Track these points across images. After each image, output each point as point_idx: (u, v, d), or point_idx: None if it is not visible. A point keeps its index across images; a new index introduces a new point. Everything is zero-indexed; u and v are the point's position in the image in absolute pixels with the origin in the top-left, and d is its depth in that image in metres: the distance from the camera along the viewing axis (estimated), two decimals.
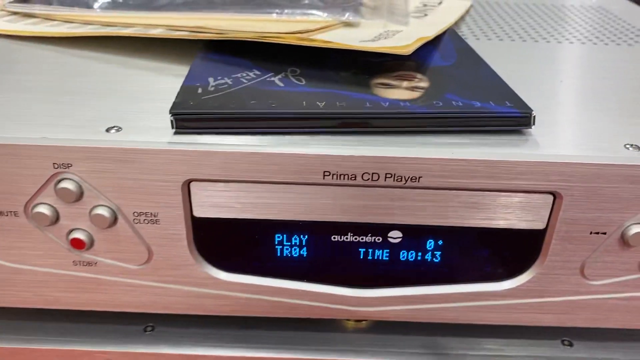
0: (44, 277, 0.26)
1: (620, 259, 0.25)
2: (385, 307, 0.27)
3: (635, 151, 0.23)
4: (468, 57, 0.31)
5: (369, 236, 0.25)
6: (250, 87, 0.26)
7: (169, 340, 0.29)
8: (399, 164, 0.23)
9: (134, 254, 0.25)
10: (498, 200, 0.24)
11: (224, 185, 0.24)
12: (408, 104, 0.24)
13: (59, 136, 0.23)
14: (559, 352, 0.29)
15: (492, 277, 0.26)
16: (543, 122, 0.25)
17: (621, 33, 0.40)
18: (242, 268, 0.26)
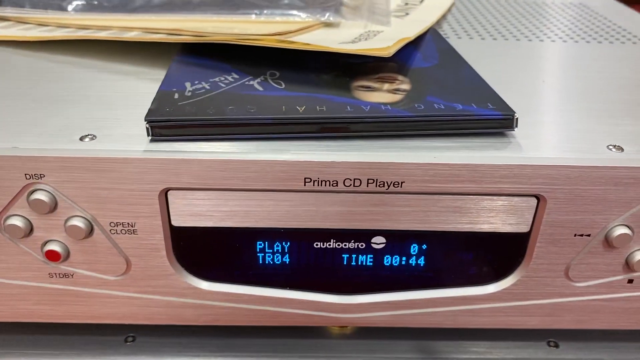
0: (19, 290, 0.26)
1: (604, 261, 0.25)
2: (370, 314, 0.26)
3: (618, 152, 0.23)
4: (450, 58, 0.30)
5: (352, 242, 0.25)
6: (228, 92, 0.25)
7: (150, 351, 0.29)
8: (381, 170, 0.22)
9: (111, 265, 0.25)
10: (481, 204, 0.24)
11: (203, 194, 0.23)
12: (389, 108, 0.24)
13: (30, 145, 0.23)
14: (544, 354, 0.29)
15: (477, 281, 0.26)
16: (526, 124, 0.25)
17: (602, 31, 0.40)
18: (224, 277, 0.26)
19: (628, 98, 0.29)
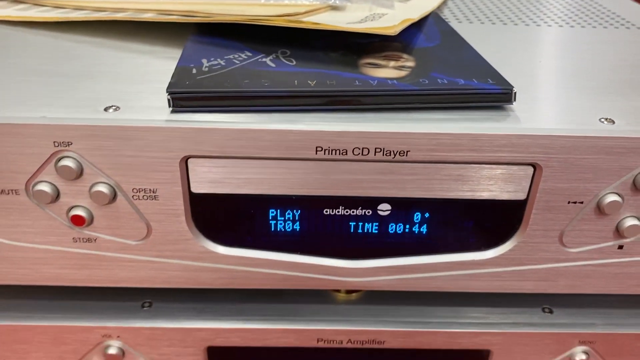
0: (44, 254, 0.27)
1: (596, 227, 0.27)
2: (375, 278, 0.28)
3: (610, 124, 0.25)
4: (452, 39, 0.32)
5: (359, 209, 0.27)
6: (243, 68, 0.27)
7: (166, 315, 0.30)
8: (388, 139, 0.24)
9: (133, 230, 0.26)
10: (481, 172, 0.25)
11: (221, 162, 0.25)
12: (396, 82, 0.25)
13: (61, 115, 0.24)
14: (539, 319, 0.31)
15: (476, 247, 0.27)
16: (523, 99, 0.26)
17: (597, 17, 0.42)
18: (239, 242, 0.27)
19: (619, 77, 0.30)
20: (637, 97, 0.28)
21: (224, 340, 0.30)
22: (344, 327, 0.30)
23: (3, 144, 0.24)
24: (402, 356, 0.31)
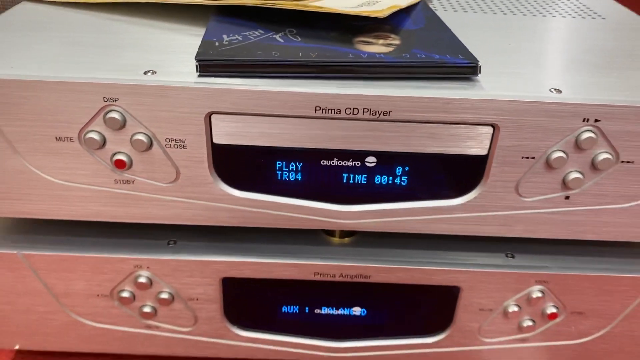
0: (90, 194, 0.33)
1: (546, 179, 0.32)
2: (363, 220, 0.34)
3: (557, 93, 0.30)
4: (434, 23, 0.37)
5: (350, 161, 0.32)
6: (256, 42, 0.32)
7: (188, 251, 0.36)
8: (374, 101, 0.30)
9: (164, 174, 0.32)
10: (450, 131, 0.31)
11: (238, 117, 0.30)
12: (382, 56, 0.31)
13: (108, 77, 0.30)
14: (502, 262, 0.37)
15: (446, 195, 0.33)
16: (489, 72, 0.32)
17: (568, 8, 0.47)
18: (251, 187, 0.33)
19: (573, 58, 0.36)
20: (583, 73, 0.33)
21: (237, 272, 0.36)
22: (337, 263, 0.36)
23: (60, 99, 0.30)
24: (385, 291, 0.37)
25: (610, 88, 0.31)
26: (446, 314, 0.38)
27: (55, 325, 0.39)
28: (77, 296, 0.38)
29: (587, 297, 0.37)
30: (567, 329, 0.39)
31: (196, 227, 0.35)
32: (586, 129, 0.30)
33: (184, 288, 0.37)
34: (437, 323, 0.39)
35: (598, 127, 0.30)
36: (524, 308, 0.37)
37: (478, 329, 0.39)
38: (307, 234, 0.38)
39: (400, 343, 0.39)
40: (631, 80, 0.32)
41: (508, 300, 0.37)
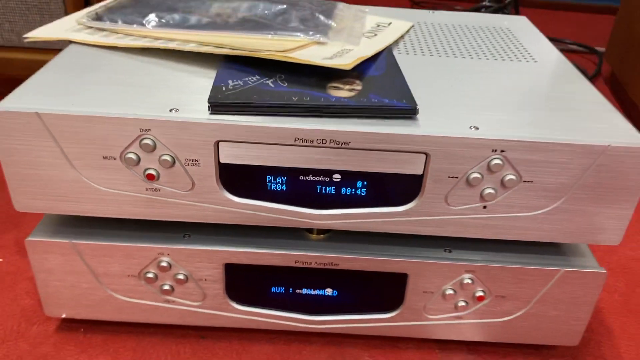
0: (125, 198, 0.44)
1: (467, 193, 0.43)
2: (332, 221, 0.44)
3: (475, 130, 0.41)
4: (392, 69, 0.48)
5: (321, 177, 0.43)
6: (253, 87, 0.43)
7: (199, 242, 0.47)
8: (338, 134, 0.40)
9: (183, 185, 0.43)
10: (394, 156, 0.41)
11: (238, 144, 0.41)
12: (346, 100, 0.42)
13: (142, 113, 0.41)
14: (441, 255, 0.47)
15: (394, 203, 0.44)
16: (427, 111, 0.43)
17: (510, 51, 0.57)
18: (247, 195, 0.44)
19: (495, 98, 0.46)
20: (498, 113, 0.44)
21: (236, 259, 0.47)
22: (312, 254, 0.46)
23: (108, 129, 0.41)
24: (350, 276, 0.48)
25: (516, 125, 0.42)
26: (398, 295, 0.49)
27: (94, 299, 0.50)
28: (112, 276, 0.49)
29: (507, 284, 0.48)
30: (493, 309, 0.49)
31: (205, 224, 0.46)
32: (495, 157, 0.41)
33: (195, 271, 0.48)
34: (391, 302, 0.50)
35: (504, 156, 0.41)
36: (458, 291, 0.48)
37: (423, 307, 0.49)
38: (291, 231, 0.49)
39: (363, 318, 0.50)
40: (533, 119, 0.43)
41: (445, 285, 0.48)
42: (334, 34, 0.53)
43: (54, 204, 0.44)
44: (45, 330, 0.53)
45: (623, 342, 0.56)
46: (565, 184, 0.42)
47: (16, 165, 0.43)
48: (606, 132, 0.42)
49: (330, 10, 0.59)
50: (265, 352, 0.52)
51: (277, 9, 0.57)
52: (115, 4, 0.56)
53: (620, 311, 0.60)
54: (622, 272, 0.65)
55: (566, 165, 0.41)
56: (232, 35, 0.51)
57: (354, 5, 0.65)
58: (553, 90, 0.48)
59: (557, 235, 0.45)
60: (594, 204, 0.43)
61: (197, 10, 0.56)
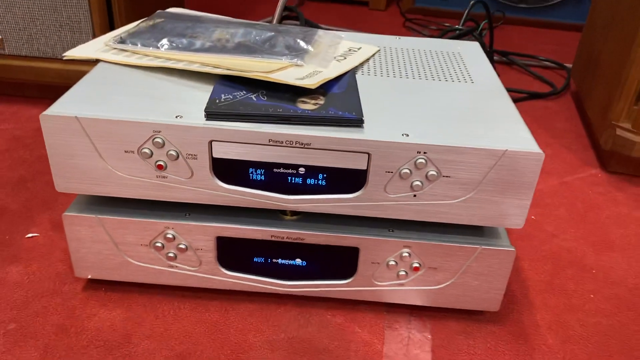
0: (139, 183, 0.57)
1: (400, 185, 0.56)
2: (299, 204, 0.58)
3: (405, 136, 0.54)
4: (351, 88, 0.61)
5: (290, 170, 0.56)
6: (240, 100, 0.57)
7: (197, 219, 0.60)
8: (301, 136, 0.54)
9: (185, 173, 0.56)
10: (345, 155, 0.55)
11: (227, 143, 0.55)
12: (309, 112, 0.55)
13: (154, 119, 0.54)
14: (385, 233, 0.60)
15: (346, 191, 0.57)
16: (372, 122, 0.56)
17: (455, 73, 0.70)
18: (233, 181, 0.57)
19: (429, 112, 0.59)
20: (427, 123, 0.57)
21: (225, 233, 0.60)
22: (285, 230, 0.60)
23: (129, 130, 0.54)
24: (315, 249, 0.61)
25: (438, 133, 0.55)
26: (352, 265, 0.62)
27: (114, 263, 0.63)
28: (128, 245, 0.62)
29: (437, 257, 0.61)
30: (427, 278, 0.62)
31: (201, 205, 0.60)
32: (420, 157, 0.54)
33: (193, 242, 0.61)
34: (347, 271, 0.63)
35: (427, 157, 0.54)
36: (399, 263, 0.61)
37: (372, 275, 0.62)
38: (268, 212, 0.62)
39: (325, 283, 0.63)
40: (453, 128, 0.56)
41: (389, 257, 0.61)
42: (309, 57, 0.66)
43: (86, 186, 0.58)
44: (74, 289, 0.66)
45: (540, 312, 0.68)
46: (475, 179, 0.55)
47: (58, 156, 0.56)
48: (507, 139, 0.55)
49: (310, 36, 0.72)
50: (247, 309, 0.65)
51: (266, 36, 0.70)
52: (136, 29, 0.70)
53: (544, 289, 0.72)
54: (552, 258, 0.78)
55: (475, 164, 0.54)
56: (227, 57, 0.65)
57: (332, 32, 0.78)
58: (477, 106, 0.61)
59: (472, 219, 0.58)
60: (499, 195, 0.56)
61: (201, 36, 0.69)
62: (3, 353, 0.58)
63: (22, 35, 0.99)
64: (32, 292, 0.66)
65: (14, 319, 0.62)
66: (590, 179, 0.97)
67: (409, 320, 0.65)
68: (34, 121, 1.02)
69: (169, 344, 0.60)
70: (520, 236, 0.81)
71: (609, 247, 0.81)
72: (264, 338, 0.62)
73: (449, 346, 0.62)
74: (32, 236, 0.74)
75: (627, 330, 0.67)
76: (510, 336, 0.64)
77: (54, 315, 0.63)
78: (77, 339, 0.60)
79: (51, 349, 0.59)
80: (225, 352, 0.60)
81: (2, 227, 0.76)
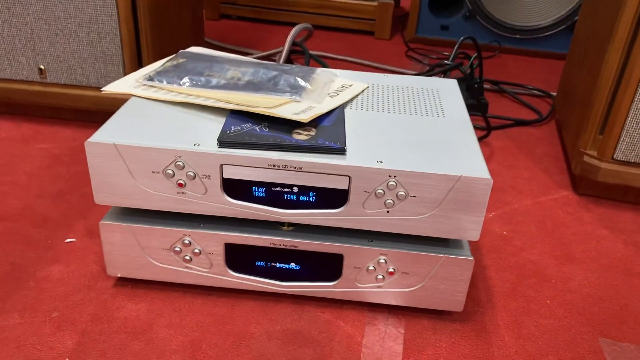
0: (162, 197, 0.70)
1: (375, 202, 0.68)
2: (293, 218, 0.70)
3: (379, 163, 0.66)
4: (339, 122, 0.74)
5: (285, 188, 0.69)
6: (246, 131, 0.69)
7: (209, 228, 0.73)
8: (295, 162, 0.66)
9: (200, 190, 0.69)
10: (331, 177, 0.67)
11: (235, 167, 0.67)
12: (302, 142, 0.68)
13: (177, 146, 0.67)
14: (366, 242, 0.72)
15: (331, 207, 0.69)
16: (353, 150, 0.68)
17: (430, 108, 0.82)
18: (240, 197, 0.70)
19: (402, 142, 0.71)
20: (399, 152, 0.69)
21: (232, 240, 0.73)
22: (282, 238, 0.72)
23: (155, 155, 0.67)
24: (306, 255, 0.73)
25: (407, 160, 0.67)
26: (337, 269, 0.74)
27: (140, 263, 0.76)
28: (152, 249, 0.75)
29: (408, 264, 0.72)
30: (401, 281, 0.74)
31: (213, 216, 0.72)
32: (391, 180, 0.66)
33: (206, 247, 0.74)
34: (333, 274, 0.75)
35: (397, 180, 0.66)
36: (377, 268, 0.73)
37: (354, 278, 0.74)
38: (268, 223, 0.74)
39: (315, 284, 0.75)
40: (420, 156, 0.68)
41: (368, 263, 0.73)
42: (306, 94, 0.79)
43: (119, 199, 0.71)
44: (105, 285, 0.79)
45: (501, 314, 0.80)
46: (437, 199, 0.67)
47: (98, 175, 0.70)
48: (464, 167, 0.67)
49: (309, 75, 0.85)
50: (250, 305, 0.77)
51: (271, 75, 0.83)
52: (162, 69, 0.84)
53: (507, 294, 0.83)
54: (517, 269, 0.89)
55: (437, 187, 0.66)
56: (237, 94, 0.78)
57: (329, 70, 0.91)
58: (444, 138, 0.74)
59: (436, 232, 0.70)
60: (457, 212, 0.68)
61: (217, 74, 0.83)
62: (49, 335, 0.71)
63: (62, 66, 1.13)
64: (71, 287, 0.79)
65: (57, 309, 0.75)
66: (562, 200, 1.09)
67: (387, 318, 0.77)
68: (69, 141, 1.16)
69: (183, 331, 0.73)
70: (491, 249, 0.93)
71: (570, 260, 0.92)
72: (263, 329, 0.74)
73: (418, 340, 0.74)
74: (70, 241, 0.88)
75: (575, 331, 0.78)
76: (472, 333, 0.76)
77: (89, 306, 0.76)
78: (108, 325, 0.73)
79: (87, 333, 0.71)
80: (231, 340, 0.72)
81: (45, 233, 0.89)
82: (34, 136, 1.17)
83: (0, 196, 0.97)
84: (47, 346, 0.69)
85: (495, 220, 1.01)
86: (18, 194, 0.98)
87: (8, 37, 1.11)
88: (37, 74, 1.14)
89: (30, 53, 1.12)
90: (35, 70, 1.14)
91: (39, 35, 1.10)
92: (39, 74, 1.14)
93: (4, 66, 1.14)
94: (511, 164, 1.21)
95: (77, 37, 1.10)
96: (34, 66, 1.14)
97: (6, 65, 1.14)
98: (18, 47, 1.12)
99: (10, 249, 0.85)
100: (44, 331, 0.71)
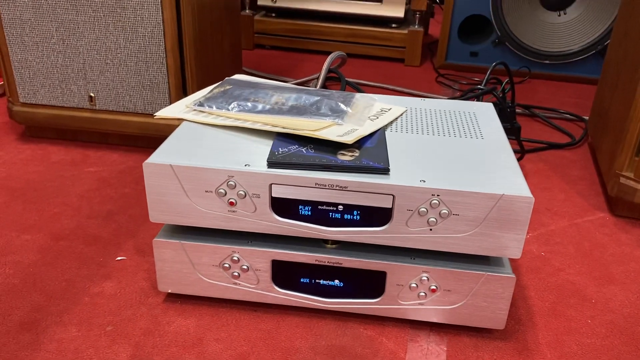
0: (216, 215, 0.74)
1: (418, 220, 0.70)
2: (338, 235, 0.73)
3: (422, 182, 0.69)
4: (381, 143, 0.77)
5: (331, 207, 0.72)
6: (294, 152, 0.73)
7: (257, 245, 0.76)
8: (340, 182, 0.69)
9: (250, 209, 0.72)
10: (375, 196, 0.70)
11: (283, 186, 0.71)
12: (347, 162, 0.71)
13: (229, 167, 0.71)
14: (408, 260, 0.74)
15: (375, 225, 0.72)
16: (396, 170, 0.71)
17: (468, 130, 0.85)
18: (287, 216, 0.73)
19: (446, 164, 0.74)
20: (442, 171, 0.71)
21: (279, 257, 0.75)
22: (326, 256, 0.75)
23: (209, 175, 0.71)
24: (350, 272, 0.75)
25: (449, 180, 0.70)
26: (380, 286, 0.76)
27: (190, 280, 0.79)
28: (203, 265, 0.78)
29: (450, 281, 0.74)
30: (443, 299, 0.76)
31: (261, 234, 0.76)
32: (434, 199, 0.69)
33: (253, 264, 0.77)
34: (376, 290, 0.77)
35: (440, 198, 0.69)
36: (419, 285, 0.75)
37: (397, 295, 0.76)
38: (314, 240, 0.77)
39: (358, 301, 0.77)
40: (461, 176, 0.70)
41: (411, 280, 0.75)
42: (348, 117, 0.83)
43: (173, 217, 0.75)
44: (156, 301, 0.83)
45: (542, 332, 0.80)
46: (479, 217, 0.69)
47: (154, 194, 0.74)
48: (505, 186, 0.69)
49: (349, 99, 0.89)
50: (295, 322, 0.80)
51: (313, 100, 0.87)
52: (211, 95, 0.88)
53: (547, 314, 0.84)
54: (557, 289, 0.90)
55: (478, 205, 0.69)
56: (283, 118, 0.82)
57: (368, 95, 0.94)
58: (483, 159, 0.76)
59: (478, 249, 0.71)
60: (499, 230, 0.70)
61: (262, 100, 0.87)
62: (105, 347, 0.74)
63: (111, 93, 1.19)
64: (124, 303, 0.82)
65: (111, 323, 0.78)
66: (599, 222, 1.09)
67: (429, 335, 0.78)
68: (116, 164, 1.21)
69: (232, 345, 0.75)
70: (530, 269, 0.94)
71: (610, 281, 0.92)
72: (309, 344, 0.76)
73: (461, 357, 0.75)
74: (121, 259, 0.92)
75: (618, 350, 0.78)
76: (514, 351, 0.77)
77: (141, 320, 0.79)
78: (160, 339, 0.76)
79: (141, 346, 0.74)
80: (278, 354, 0.74)
81: (97, 251, 0.93)
82: (83, 160, 1.23)
83: (54, 216, 1.02)
84: (103, 358, 0.72)
85: (533, 241, 1.02)
86: (70, 215, 1.03)
87: (62, 67, 1.17)
88: (87, 101, 1.21)
89: (81, 82, 1.19)
90: (85, 97, 1.20)
91: (90, 65, 1.16)
92: (89, 101, 1.20)
93: (57, 94, 1.20)
94: (546, 186, 1.22)
95: (126, 67, 1.16)
96: (85, 94, 1.20)
97: (59, 94, 1.20)
98: (71, 76, 1.18)
99: (65, 266, 0.89)
100: (100, 344, 0.75)
